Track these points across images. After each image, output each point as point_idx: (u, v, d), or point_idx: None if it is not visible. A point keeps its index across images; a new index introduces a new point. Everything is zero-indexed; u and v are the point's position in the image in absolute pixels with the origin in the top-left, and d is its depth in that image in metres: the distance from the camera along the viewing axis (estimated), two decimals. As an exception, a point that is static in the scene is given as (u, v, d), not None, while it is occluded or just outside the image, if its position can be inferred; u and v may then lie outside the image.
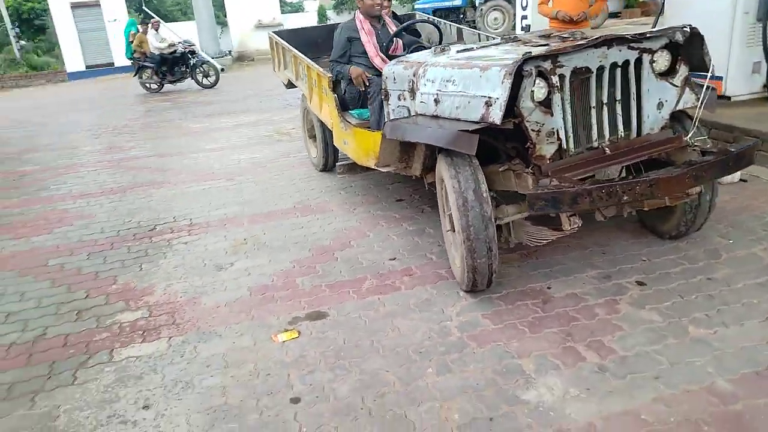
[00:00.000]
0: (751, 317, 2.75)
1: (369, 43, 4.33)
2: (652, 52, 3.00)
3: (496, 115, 2.77)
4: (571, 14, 5.51)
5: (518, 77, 2.77)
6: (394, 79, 3.68)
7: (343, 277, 3.54)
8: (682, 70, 3.10)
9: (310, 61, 4.99)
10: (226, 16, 22.66)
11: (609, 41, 2.91)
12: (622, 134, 3.11)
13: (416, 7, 18.00)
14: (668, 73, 3.10)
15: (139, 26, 14.07)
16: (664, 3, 5.78)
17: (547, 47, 2.97)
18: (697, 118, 3.19)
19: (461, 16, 17.75)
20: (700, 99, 3.11)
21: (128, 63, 14.69)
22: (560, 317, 2.91)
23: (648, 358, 2.53)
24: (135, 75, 13.86)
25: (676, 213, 3.40)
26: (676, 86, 3.11)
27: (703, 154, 3.10)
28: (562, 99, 2.91)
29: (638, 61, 3.01)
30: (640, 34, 3.00)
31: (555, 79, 2.86)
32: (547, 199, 2.76)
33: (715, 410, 2.19)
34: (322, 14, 30.20)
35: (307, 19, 25.23)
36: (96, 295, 3.61)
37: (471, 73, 2.98)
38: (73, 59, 21.53)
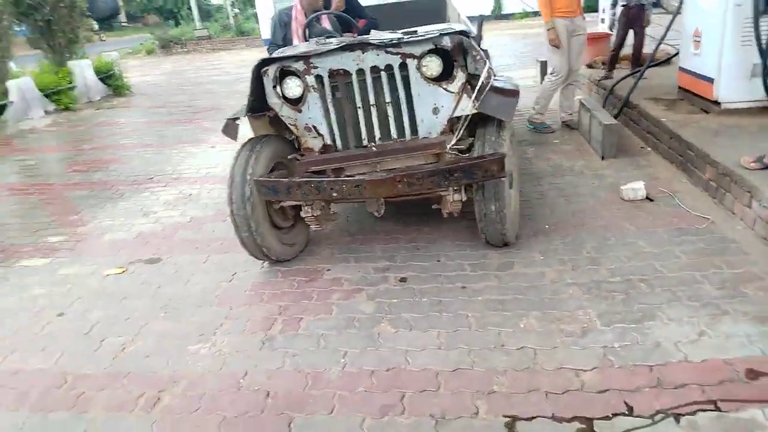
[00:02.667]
0: (442, 327, 2.76)
1: (296, 34, 4.70)
2: (416, 57, 3.01)
3: (245, 109, 3.17)
4: None
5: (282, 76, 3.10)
6: None
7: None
8: (460, 76, 3.06)
9: None
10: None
11: (364, 45, 3.02)
12: (395, 136, 3.20)
13: None
14: (443, 78, 3.08)
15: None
16: (681, 1, 5.05)
17: (305, 48, 3.18)
18: (463, 125, 3.12)
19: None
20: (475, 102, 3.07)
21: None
22: (302, 294, 3.21)
23: (320, 339, 2.77)
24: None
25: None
26: (452, 92, 3.08)
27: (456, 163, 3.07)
28: (320, 98, 3.13)
29: (404, 66, 3.05)
30: (398, 39, 3.03)
31: (310, 79, 3.09)
32: (268, 186, 3.07)
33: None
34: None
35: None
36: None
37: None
38: (265, 28, 24.47)
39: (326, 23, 4.79)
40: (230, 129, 3.31)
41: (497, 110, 3.08)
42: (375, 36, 3.22)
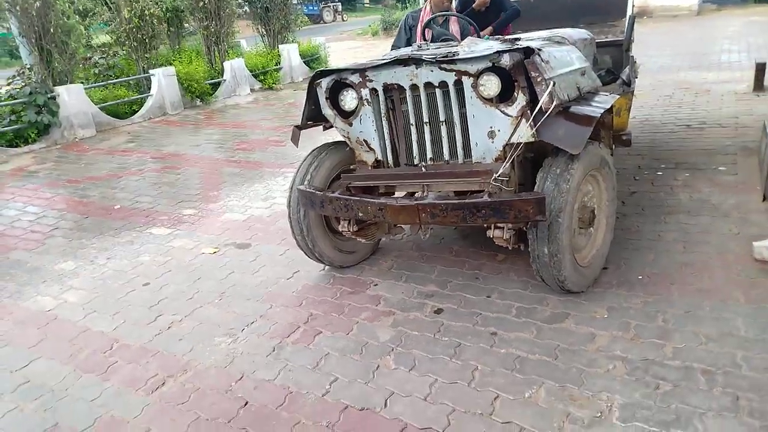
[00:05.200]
0: (442, 375, 2.51)
1: (419, 36, 4.54)
2: (471, 75, 2.70)
3: (302, 119, 3.24)
4: None
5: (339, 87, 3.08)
6: None
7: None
8: (520, 99, 2.67)
9: None
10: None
11: (417, 60, 2.80)
12: (447, 158, 2.96)
13: None
14: (503, 100, 2.72)
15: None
16: None
17: (366, 62, 3.05)
18: (514, 152, 2.72)
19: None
20: (516, 131, 2.70)
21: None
22: (336, 306, 3.19)
23: (322, 359, 2.75)
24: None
25: None
26: (510, 116, 2.71)
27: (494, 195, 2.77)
28: (374, 112, 3.01)
29: (459, 83, 2.77)
30: (452, 54, 2.74)
31: (365, 92, 2.99)
32: (306, 196, 3.09)
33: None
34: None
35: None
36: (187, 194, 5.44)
37: None
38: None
39: (454, 25, 4.58)
40: (294, 136, 3.37)
41: (563, 140, 2.64)
42: (431, 50, 2.98)
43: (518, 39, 3.27)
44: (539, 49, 2.75)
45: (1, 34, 23.12)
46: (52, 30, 8.53)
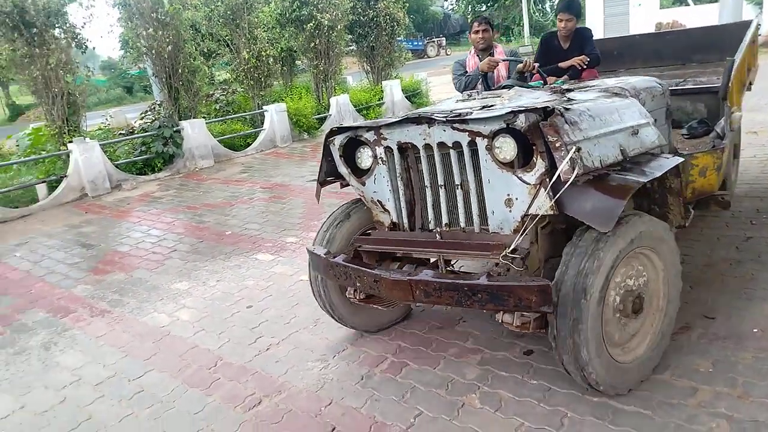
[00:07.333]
0: (530, 419, 2.47)
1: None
2: (484, 136, 2.45)
3: (318, 176, 3.15)
4: None
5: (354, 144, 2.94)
6: None
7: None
8: (539, 165, 2.36)
9: None
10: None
11: (430, 119, 2.59)
12: (463, 224, 2.72)
13: None
14: (522, 165, 2.44)
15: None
16: None
17: (390, 118, 2.85)
18: (527, 227, 2.43)
19: None
20: (536, 201, 2.40)
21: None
22: (424, 339, 3.23)
23: (408, 392, 2.81)
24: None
25: None
26: (528, 183, 2.41)
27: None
28: (388, 171, 2.85)
29: (474, 145, 2.52)
30: (465, 113, 2.54)
31: (379, 151, 2.84)
32: (313, 260, 3.02)
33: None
34: None
35: None
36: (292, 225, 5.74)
37: None
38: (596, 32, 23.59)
39: (503, 70, 4.25)
40: (317, 192, 3.22)
41: (589, 215, 2.28)
42: (451, 106, 2.87)
43: (568, 90, 3.09)
44: (565, 108, 2.40)
45: (137, 72, 26.02)
46: (180, 70, 9.48)
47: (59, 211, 7.60)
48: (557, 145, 2.25)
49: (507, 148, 2.41)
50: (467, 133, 2.48)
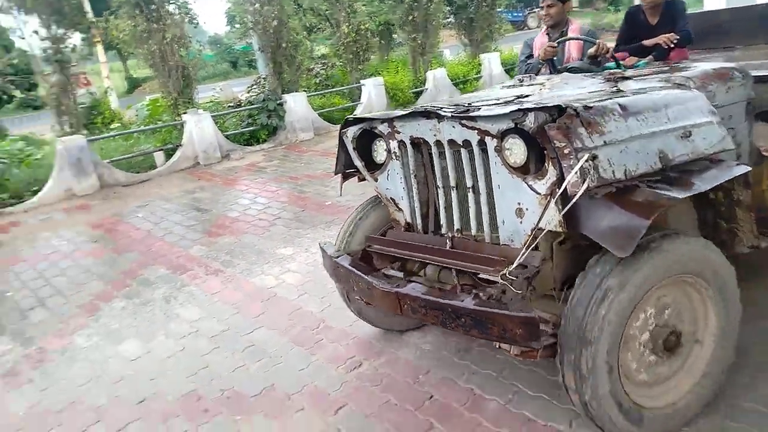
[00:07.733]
0: None
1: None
2: (493, 136, 2.17)
3: (336, 169, 2.99)
4: None
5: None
6: None
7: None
8: (550, 173, 2.02)
9: None
10: None
11: (438, 113, 2.33)
12: (475, 231, 2.47)
13: None
14: (534, 171, 2.12)
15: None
16: None
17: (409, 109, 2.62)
18: (530, 244, 2.11)
19: None
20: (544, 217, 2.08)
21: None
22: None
23: None
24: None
25: None
26: (538, 193, 2.08)
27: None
28: (402, 167, 2.66)
29: (484, 144, 2.24)
30: (473, 108, 2.27)
31: (393, 145, 2.65)
32: (324, 258, 2.94)
33: None
34: None
35: None
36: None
37: None
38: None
39: (574, 51, 3.94)
40: (341, 183, 3.10)
41: (605, 235, 1.92)
42: (479, 95, 2.66)
43: (625, 79, 2.67)
44: (585, 107, 2.02)
45: (243, 48, 27.17)
46: (283, 45, 9.80)
47: (175, 177, 8.21)
48: (566, 151, 1.91)
49: (517, 150, 2.11)
50: (476, 131, 2.21)
